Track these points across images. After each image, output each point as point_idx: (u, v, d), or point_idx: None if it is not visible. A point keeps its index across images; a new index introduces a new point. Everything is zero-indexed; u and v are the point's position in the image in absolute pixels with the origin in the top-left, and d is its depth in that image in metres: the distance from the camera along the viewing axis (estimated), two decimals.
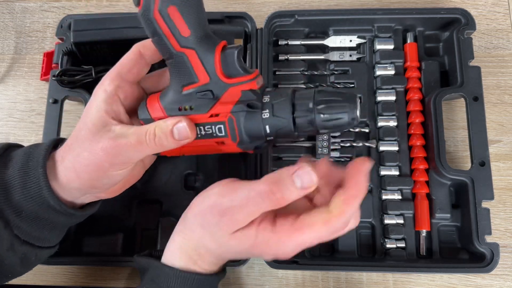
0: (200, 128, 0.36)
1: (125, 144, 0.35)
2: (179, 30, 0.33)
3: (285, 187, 0.33)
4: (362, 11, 0.53)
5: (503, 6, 0.56)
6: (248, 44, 0.52)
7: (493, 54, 0.55)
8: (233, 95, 0.35)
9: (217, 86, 0.35)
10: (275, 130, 0.35)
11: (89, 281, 0.50)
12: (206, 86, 0.35)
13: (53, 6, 0.60)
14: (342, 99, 0.34)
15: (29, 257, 0.40)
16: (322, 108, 0.34)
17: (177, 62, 0.35)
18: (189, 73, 0.35)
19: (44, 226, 0.39)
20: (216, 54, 0.34)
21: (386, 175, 0.49)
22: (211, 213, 0.35)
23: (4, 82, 0.58)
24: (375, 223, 0.49)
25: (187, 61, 0.34)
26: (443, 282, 0.49)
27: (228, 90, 0.35)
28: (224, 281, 0.49)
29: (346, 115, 0.33)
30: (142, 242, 0.50)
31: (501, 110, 0.53)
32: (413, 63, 0.52)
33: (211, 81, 0.35)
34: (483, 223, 0.46)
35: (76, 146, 0.37)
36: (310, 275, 0.49)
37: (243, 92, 0.35)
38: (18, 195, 0.36)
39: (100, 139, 0.35)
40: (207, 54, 0.34)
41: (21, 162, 0.37)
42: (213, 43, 0.34)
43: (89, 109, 0.37)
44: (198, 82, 0.35)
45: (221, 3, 0.59)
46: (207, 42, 0.34)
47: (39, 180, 0.36)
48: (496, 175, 0.51)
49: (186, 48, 0.34)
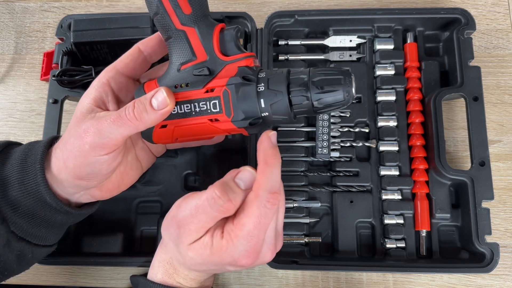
0: (194, 104, 0.36)
1: (104, 120, 0.34)
2: (181, 7, 0.34)
3: (230, 190, 0.33)
4: (362, 11, 0.53)
5: (503, 6, 0.56)
6: (248, 44, 0.52)
7: (493, 54, 0.55)
8: (230, 71, 0.35)
9: (215, 64, 0.36)
10: (270, 104, 0.35)
11: (89, 281, 0.50)
12: (203, 64, 0.36)
13: (53, 6, 0.60)
14: (337, 74, 0.34)
15: (25, 255, 0.39)
16: (317, 81, 0.34)
17: (176, 40, 0.36)
18: (188, 51, 0.36)
19: (41, 223, 0.39)
20: (215, 32, 0.35)
21: (386, 175, 0.49)
22: (172, 225, 0.36)
23: (4, 82, 0.58)
24: (375, 223, 0.49)
25: (187, 38, 0.35)
26: (443, 282, 0.49)
27: (225, 67, 0.35)
28: (224, 281, 0.49)
29: (341, 88, 0.33)
30: (142, 242, 0.50)
31: (501, 110, 0.53)
32: (413, 63, 0.52)
33: (208, 59, 0.36)
34: (483, 223, 0.46)
35: (65, 135, 0.37)
36: (310, 275, 0.49)
37: (239, 68, 0.35)
38: (15, 191, 0.37)
39: (83, 123, 0.35)
40: (206, 32, 0.35)
41: (19, 159, 0.37)
42: (212, 23, 0.36)
43: (80, 99, 0.38)
44: (196, 59, 0.36)
45: (221, 3, 0.59)
46: (206, 21, 0.35)
47: (37, 176, 0.36)
48: (496, 175, 0.51)
49: (186, 26, 0.35)
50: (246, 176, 0.34)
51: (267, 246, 0.36)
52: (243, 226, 0.33)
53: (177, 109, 0.37)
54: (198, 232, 0.34)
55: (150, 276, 0.40)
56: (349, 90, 0.34)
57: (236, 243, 0.33)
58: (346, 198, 0.49)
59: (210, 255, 0.34)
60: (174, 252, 0.38)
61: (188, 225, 0.34)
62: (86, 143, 0.35)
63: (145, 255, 0.47)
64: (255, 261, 0.35)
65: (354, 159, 0.50)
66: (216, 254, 0.34)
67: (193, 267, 0.37)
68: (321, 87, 0.34)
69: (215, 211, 0.33)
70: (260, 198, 0.33)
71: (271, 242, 0.36)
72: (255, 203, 0.33)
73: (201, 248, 0.35)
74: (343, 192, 0.50)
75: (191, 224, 0.34)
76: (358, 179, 0.50)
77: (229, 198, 0.33)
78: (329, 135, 0.50)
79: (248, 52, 0.36)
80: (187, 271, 0.39)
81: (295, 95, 0.34)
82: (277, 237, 0.37)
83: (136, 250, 0.50)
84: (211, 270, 0.39)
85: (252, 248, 0.34)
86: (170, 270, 0.39)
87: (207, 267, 0.37)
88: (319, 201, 0.50)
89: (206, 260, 0.35)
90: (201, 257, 0.35)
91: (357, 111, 0.51)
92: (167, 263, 0.39)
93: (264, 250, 0.36)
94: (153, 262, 0.40)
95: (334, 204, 0.49)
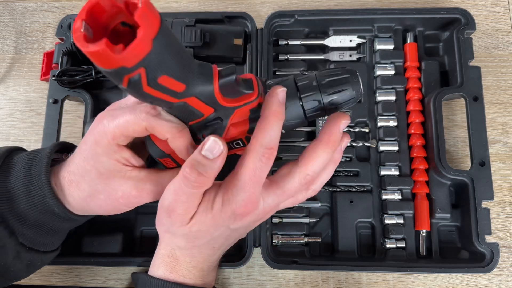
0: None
1: (147, 194, 0.37)
2: (174, 90, 0.30)
3: (198, 164, 0.33)
4: (362, 11, 0.53)
5: (503, 6, 0.56)
6: (248, 44, 0.52)
7: (493, 54, 0.55)
8: (242, 114, 0.34)
9: (224, 112, 0.34)
10: (287, 126, 0.35)
11: (89, 281, 0.50)
12: (213, 115, 0.34)
13: (53, 6, 0.60)
14: (343, 73, 0.34)
15: (35, 263, 0.40)
16: (326, 84, 0.34)
17: (178, 109, 0.33)
18: (193, 113, 0.33)
19: (48, 232, 0.39)
20: (215, 88, 0.32)
21: (386, 175, 0.49)
22: (163, 216, 0.36)
23: (4, 82, 0.58)
24: (375, 223, 0.49)
25: (189, 106, 0.32)
26: (443, 282, 0.49)
27: (236, 112, 0.34)
28: (224, 281, 0.49)
29: (350, 86, 0.34)
30: (142, 242, 0.50)
31: (501, 110, 0.53)
32: (413, 63, 0.52)
33: (216, 111, 0.34)
34: (483, 223, 0.46)
35: (85, 186, 0.37)
36: (310, 275, 0.49)
37: (251, 110, 0.34)
38: (22, 204, 0.36)
39: (118, 187, 0.36)
40: (207, 92, 0.32)
41: (24, 170, 0.37)
42: (207, 78, 0.31)
43: (96, 154, 0.36)
44: (204, 115, 0.34)
45: (221, 3, 0.59)
46: (202, 82, 0.31)
47: (43, 188, 0.36)
48: (496, 175, 0.51)
49: (185, 98, 0.31)
50: (211, 146, 0.33)
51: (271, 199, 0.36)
52: (238, 177, 0.34)
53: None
54: (187, 213, 0.35)
55: (151, 272, 0.40)
56: (358, 86, 0.34)
57: (234, 193, 0.34)
58: (346, 198, 0.49)
59: (212, 218, 0.35)
60: (172, 242, 0.38)
61: (175, 211, 0.35)
62: (124, 206, 0.37)
63: (145, 255, 0.47)
64: (254, 210, 0.35)
65: (354, 159, 0.50)
66: (217, 214, 0.35)
67: (197, 242, 0.37)
68: (331, 88, 0.34)
69: (190, 188, 0.33)
70: (256, 151, 0.33)
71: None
72: (250, 156, 0.33)
73: (201, 216, 0.35)
74: (343, 192, 0.50)
75: (178, 209, 0.35)
76: (358, 179, 0.50)
77: (199, 172, 0.33)
78: None
79: (252, 87, 0.33)
80: (189, 257, 0.39)
81: (307, 101, 0.34)
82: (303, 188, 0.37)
83: (136, 250, 0.50)
84: (214, 240, 0.38)
85: (248, 197, 0.34)
86: (172, 263, 0.39)
87: (210, 236, 0.37)
88: (319, 201, 0.50)
89: (209, 225, 0.35)
90: (204, 224, 0.35)
91: (357, 111, 0.52)
92: (167, 257, 0.39)
93: (261, 204, 0.36)
94: (153, 260, 0.40)
95: (334, 204, 0.49)
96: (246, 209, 0.35)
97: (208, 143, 0.33)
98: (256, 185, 0.34)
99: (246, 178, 0.33)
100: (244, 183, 0.34)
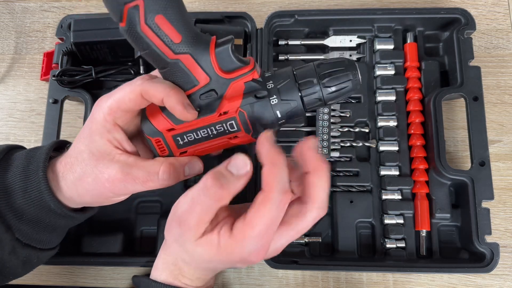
0: (211, 128, 0.36)
1: (132, 179, 0.36)
2: (170, 37, 0.32)
3: (222, 177, 0.33)
4: (362, 11, 0.53)
5: (503, 6, 0.56)
6: (248, 44, 0.52)
7: (493, 54, 0.55)
8: (237, 89, 0.35)
9: (219, 84, 0.35)
10: (286, 113, 0.35)
11: (89, 281, 0.50)
12: (208, 86, 0.35)
13: (53, 6, 0.60)
14: (341, 64, 0.35)
15: (31, 260, 0.40)
16: (327, 81, 0.34)
17: (173, 69, 0.34)
18: (188, 78, 0.34)
19: (44, 229, 0.39)
20: (211, 52, 0.33)
21: (386, 175, 0.49)
22: (174, 224, 0.35)
23: (4, 82, 0.58)
24: (375, 223, 0.49)
25: (184, 66, 0.33)
26: (443, 282, 0.49)
27: (231, 85, 0.35)
28: (224, 281, 0.49)
29: (351, 82, 0.35)
30: (142, 242, 0.50)
31: (501, 110, 0.53)
32: (413, 63, 0.52)
33: (211, 81, 0.34)
34: (483, 223, 0.46)
35: (77, 167, 0.37)
36: (310, 275, 0.49)
37: (246, 84, 0.35)
38: (19, 199, 0.36)
39: (105, 169, 0.36)
40: (202, 54, 0.33)
41: (22, 166, 0.37)
42: (205, 41, 0.33)
43: (91, 132, 0.36)
44: (199, 84, 0.35)
45: (221, 3, 0.59)
46: (199, 42, 0.33)
47: (40, 184, 0.36)
48: (496, 175, 0.51)
49: (180, 54, 0.33)
50: (238, 163, 0.33)
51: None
52: (255, 227, 0.32)
53: (193, 136, 0.37)
54: (198, 227, 0.34)
55: (153, 276, 0.40)
56: (357, 79, 0.35)
57: (247, 243, 0.33)
58: (346, 198, 0.49)
59: (217, 254, 0.34)
60: (179, 252, 0.37)
61: (187, 221, 0.34)
62: (109, 192, 0.37)
63: (145, 255, 0.47)
64: (265, 256, 0.35)
65: (354, 159, 0.50)
66: (224, 253, 0.34)
67: (200, 265, 0.37)
68: (331, 81, 0.34)
69: (209, 199, 0.33)
70: (273, 200, 0.32)
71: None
72: (268, 205, 0.32)
73: (208, 245, 0.34)
74: (343, 192, 0.50)
75: (190, 219, 0.34)
76: (358, 179, 0.50)
77: (222, 185, 0.32)
78: (329, 135, 0.50)
79: (248, 61, 0.35)
80: (193, 270, 0.38)
81: (308, 99, 0.35)
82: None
83: (136, 250, 0.50)
84: (218, 268, 0.38)
85: (262, 246, 0.33)
86: (175, 272, 0.38)
87: (213, 265, 0.37)
88: None
89: (213, 258, 0.35)
90: (208, 254, 0.34)
91: (357, 111, 0.51)
92: (171, 264, 0.38)
93: (272, 246, 0.35)
94: (156, 263, 0.40)
95: (334, 204, 0.49)
96: (258, 256, 0.34)
97: (236, 160, 0.33)
98: (272, 234, 0.33)
99: (263, 228, 0.32)
100: (259, 232, 0.32)
